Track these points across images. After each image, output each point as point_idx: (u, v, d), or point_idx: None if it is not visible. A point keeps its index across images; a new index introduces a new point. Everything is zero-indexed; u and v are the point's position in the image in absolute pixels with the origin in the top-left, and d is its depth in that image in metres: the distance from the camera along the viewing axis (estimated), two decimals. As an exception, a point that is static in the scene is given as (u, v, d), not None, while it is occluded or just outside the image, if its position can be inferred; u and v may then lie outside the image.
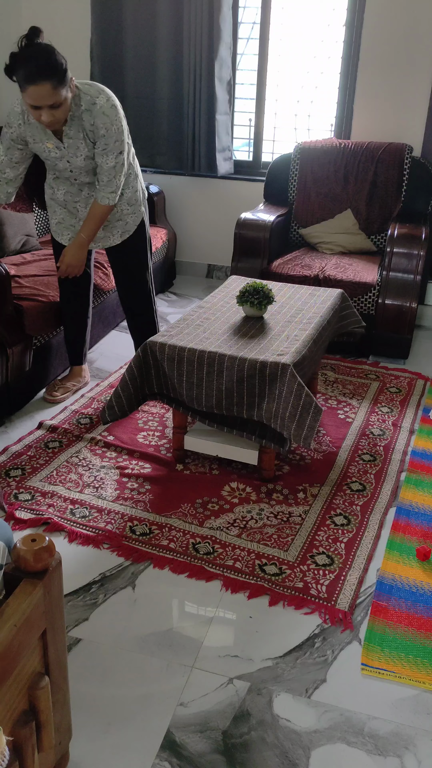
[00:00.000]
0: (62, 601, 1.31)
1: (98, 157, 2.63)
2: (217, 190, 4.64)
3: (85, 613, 1.95)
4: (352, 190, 4.00)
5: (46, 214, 4.15)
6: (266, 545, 2.22)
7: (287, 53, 4.36)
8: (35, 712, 1.22)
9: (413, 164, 3.93)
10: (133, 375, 2.46)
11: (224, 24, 4.11)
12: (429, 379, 3.43)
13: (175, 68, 4.29)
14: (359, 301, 3.55)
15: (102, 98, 2.57)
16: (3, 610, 1.15)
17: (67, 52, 4.50)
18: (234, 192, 4.58)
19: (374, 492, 2.52)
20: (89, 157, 2.65)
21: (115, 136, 2.59)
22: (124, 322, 4.02)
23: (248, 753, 1.58)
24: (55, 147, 2.63)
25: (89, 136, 2.59)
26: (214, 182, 4.61)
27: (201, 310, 2.78)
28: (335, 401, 3.17)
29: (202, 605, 2.00)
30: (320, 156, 4.05)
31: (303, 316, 2.73)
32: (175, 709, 1.68)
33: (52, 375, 3.24)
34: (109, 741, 1.59)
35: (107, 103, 2.57)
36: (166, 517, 2.34)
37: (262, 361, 2.31)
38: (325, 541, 2.26)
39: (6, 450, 2.68)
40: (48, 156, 2.69)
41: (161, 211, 4.53)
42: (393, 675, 1.78)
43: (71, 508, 2.37)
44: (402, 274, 3.49)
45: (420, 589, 2.06)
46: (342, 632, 1.91)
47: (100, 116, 2.55)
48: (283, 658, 1.83)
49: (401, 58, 3.96)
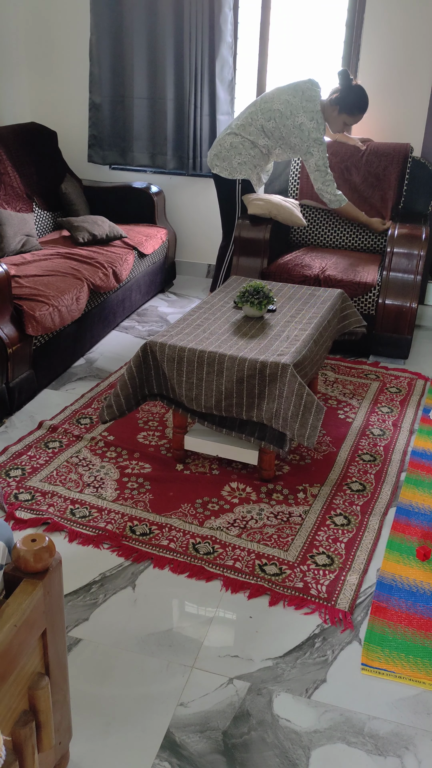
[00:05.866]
0: (62, 601, 1.31)
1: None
2: (217, 190, 4.63)
3: (85, 613, 1.95)
4: (352, 190, 4.00)
5: (46, 214, 4.15)
6: (266, 545, 2.22)
7: (287, 53, 4.36)
8: (35, 712, 1.22)
9: (413, 164, 3.93)
10: (132, 375, 2.46)
11: (225, 24, 4.11)
12: (429, 379, 3.43)
13: (175, 68, 4.29)
14: (359, 301, 3.55)
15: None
16: (3, 610, 1.15)
17: (67, 52, 4.55)
18: (234, 192, 4.57)
19: (374, 492, 2.52)
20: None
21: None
22: (124, 322, 4.02)
23: (248, 753, 1.58)
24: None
25: None
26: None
27: (201, 310, 2.78)
28: (335, 401, 3.17)
29: (202, 605, 2.00)
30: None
31: (303, 316, 2.73)
32: (175, 709, 1.68)
33: (52, 375, 3.25)
34: (109, 741, 1.60)
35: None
36: (166, 517, 2.34)
37: (262, 361, 2.32)
38: (325, 541, 2.26)
39: (6, 450, 2.68)
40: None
41: (161, 211, 4.53)
42: (393, 675, 1.78)
43: (71, 508, 2.37)
44: (402, 274, 3.49)
45: (420, 589, 2.06)
46: (342, 632, 1.91)
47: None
48: (283, 658, 1.83)
49: (401, 58, 3.96)
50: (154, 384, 2.50)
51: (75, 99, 4.65)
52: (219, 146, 3.78)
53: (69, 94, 4.65)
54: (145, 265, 4.15)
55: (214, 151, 3.80)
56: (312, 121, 3.53)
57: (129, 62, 4.35)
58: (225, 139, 3.76)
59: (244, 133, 3.70)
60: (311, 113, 3.53)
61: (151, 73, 4.35)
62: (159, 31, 4.22)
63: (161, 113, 4.41)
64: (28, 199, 3.98)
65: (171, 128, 4.42)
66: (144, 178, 4.72)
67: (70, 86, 4.63)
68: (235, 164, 3.73)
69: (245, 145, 3.71)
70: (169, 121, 4.40)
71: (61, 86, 4.65)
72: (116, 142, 4.58)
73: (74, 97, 4.65)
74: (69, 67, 4.59)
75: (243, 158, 3.72)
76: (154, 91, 4.38)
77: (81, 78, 4.57)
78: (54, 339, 3.18)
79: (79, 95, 4.62)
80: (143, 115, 4.45)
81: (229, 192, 3.84)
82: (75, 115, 4.68)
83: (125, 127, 4.52)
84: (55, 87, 4.67)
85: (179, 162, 4.51)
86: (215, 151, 3.79)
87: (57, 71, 4.62)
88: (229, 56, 4.25)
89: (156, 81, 4.35)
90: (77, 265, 3.49)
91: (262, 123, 3.65)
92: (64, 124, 4.68)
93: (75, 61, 4.56)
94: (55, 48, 4.56)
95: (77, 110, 4.66)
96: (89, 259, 3.58)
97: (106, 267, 3.57)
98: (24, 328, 2.90)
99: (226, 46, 4.18)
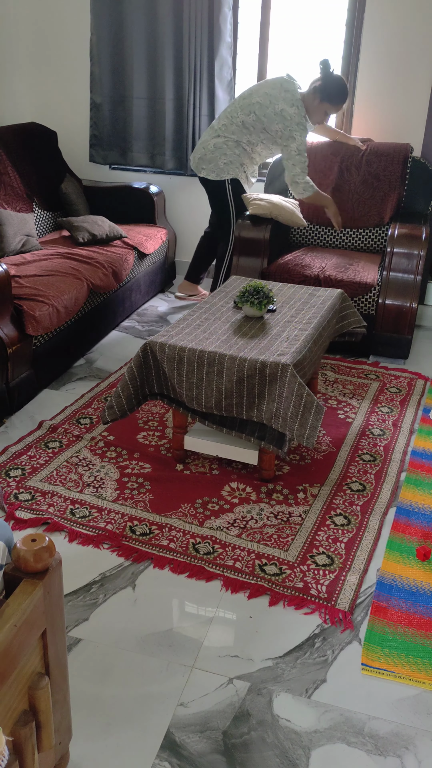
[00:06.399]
0: (62, 601, 1.31)
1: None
2: (217, 190, 4.63)
3: (85, 613, 1.95)
4: (352, 190, 4.00)
5: (46, 214, 4.15)
6: (266, 545, 2.22)
7: (287, 53, 4.36)
8: (35, 712, 1.22)
9: (413, 164, 3.93)
10: (133, 375, 2.46)
11: (224, 24, 4.11)
12: (429, 379, 3.43)
13: (175, 68, 4.29)
14: (359, 301, 3.55)
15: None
16: (3, 610, 1.15)
17: (67, 52, 4.54)
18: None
19: (374, 492, 2.52)
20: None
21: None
22: (124, 322, 4.02)
23: (248, 753, 1.58)
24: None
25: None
26: (214, 182, 4.61)
27: (201, 310, 2.78)
28: (335, 401, 3.17)
29: (202, 605, 2.00)
30: (320, 155, 4.05)
31: (303, 316, 2.73)
32: (175, 709, 1.68)
33: (52, 375, 3.24)
34: (109, 741, 1.60)
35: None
36: (166, 517, 2.34)
37: (262, 361, 2.32)
38: (325, 541, 2.26)
39: (6, 450, 2.68)
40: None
41: (161, 211, 4.53)
42: (393, 675, 1.78)
43: (71, 508, 2.37)
44: (402, 274, 3.49)
45: (420, 589, 2.06)
46: (342, 632, 1.91)
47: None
48: (283, 658, 1.83)
49: (401, 58, 3.96)
50: (154, 383, 2.50)
51: (75, 99, 4.65)
52: (203, 149, 3.77)
53: (69, 94, 4.65)
54: (145, 265, 4.15)
55: (198, 154, 3.80)
56: (293, 107, 3.55)
57: (129, 62, 4.34)
58: (208, 141, 3.75)
59: (227, 133, 3.71)
60: (291, 101, 3.55)
61: (151, 73, 4.35)
62: (158, 31, 4.22)
63: (160, 113, 4.41)
64: (28, 199, 3.98)
65: (170, 128, 4.42)
66: (144, 178, 4.72)
67: (71, 86, 4.63)
68: (222, 165, 3.73)
69: (229, 144, 3.71)
70: (168, 121, 4.40)
71: (62, 86, 4.65)
72: (116, 142, 4.57)
73: (74, 97, 4.65)
74: (69, 67, 4.59)
75: (228, 158, 3.72)
76: (153, 91, 4.38)
77: (81, 78, 4.57)
78: (54, 339, 3.18)
79: (79, 95, 4.62)
80: (143, 115, 4.45)
81: (220, 193, 3.83)
82: (75, 115, 4.68)
83: (125, 127, 4.52)
84: (55, 87, 4.67)
85: (178, 162, 4.51)
86: (199, 154, 3.79)
87: (57, 71, 4.62)
88: (228, 56, 4.25)
89: (155, 81, 4.35)
90: (77, 265, 3.49)
91: (242, 118, 3.65)
92: (64, 124, 4.68)
93: (75, 61, 4.56)
94: (56, 48, 4.56)
95: (77, 110, 4.66)
96: (89, 259, 3.58)
97: (106, 267, 3.57)
98: (24, 328, 2.90)
99: (226, 46, 4.18)
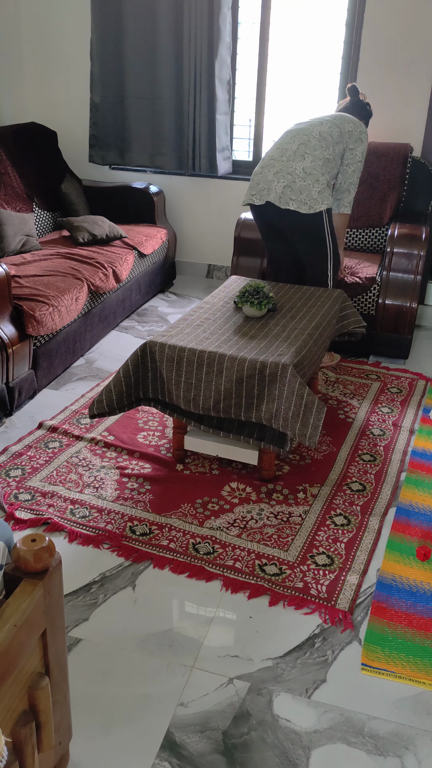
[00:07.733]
0: (62, 601, 1.31)
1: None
2: (217, 190, 4.64)
3: (85, 613, 1.95)
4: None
5: (46, 214, 4.15)
6: (266, 545, 2.22)
7: (287, 53, 4.36)
8: (35, 712, 1.22)
9: (413, 164, 3.93)
10: (128, 373, 2.45)
11: (224, 24, 4.11)
12: (429, 380, 3.43)
13: (175, 68, 4.29)
14: (359, 301, 3.55)
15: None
16: (3, 610, 1.15)
17: (67, 52, 4.55)
18: (234, 192, 4.58)
19: (374, 492, 2.52)
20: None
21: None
22: (124, 322, 4.02)
23: (248, 753, 1.58)
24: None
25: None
26: (214, 182, 4.62)
27: (201, 310, 2.78)
28: (336, 401, 3.17)
29: (202, 605, 2.00)
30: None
31: (303, 316, 2.73)
32: (175, 709, 1.68)
33: (52, 375, 3.24)
34: (109, 741, 1.59)
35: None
36: (166, 517, 2.34)
37: (262, 361, 2.31)
38: (325, 541, 2.26)
39: (6, 450, 2.68)
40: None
41: (161, 211, 4.53)
42: (393, 675, 1.78)
43: (71, 508, 2.37)
44: (402, 274, 3.49)
45: (420, 589, 2.06)
46: (342, 632, 1.91)
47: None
48: (283, 658, 1.83)
49: (401, 58, 3.96)
50: (149, 387, 2.49)
51: (75, 99, 4.65)
52: (289, 175, 3.06)
53: (69, 94, 4.65)
54: (145, 265, 4.15)
55: (283, 182, 3.07)
56: (363, 134, 3.24)
57: (129, 62, 4.35)
58: (294, 167, 3.07)
59: (310, 151, 3.09)
60: (360, 132, 3.24)
61: (151, 73, 4.35)
62: (158, 31, 4.22)
63: (160, 113, 4.41)
64: (28, 199, 3.98)
65: (170, 128, 4.42)
66: (144, 178, 4.73)
67: (70, 86, 4.63)
68: (315, 194, 3.04)
69: (316, 166, 3.07)
70: (168, 121, 4.41)
71: (61, 86, 4.65)
72: (116, 142, 4.57)
73: (74, 97, 4.65)
74: (69, 67, 4.60)
75: (321, 185, 3.05)
76: (153, 91, 4.38)
77: (81, 78, 4.57)
78: (54, 339, 3.18)
79: (79, 95, 4.62)
80: (142, 115, 4.45)
81: (314, 228, 3.14)
82: (75, 115, 4.68)
83: (125, 127, 4.52)
84: (55, 87, 4.67)
85: (178, 162, 4.51)
86: (285, 182, 3.07)
87: (57, 71, 4.62)
88: (228, 56, 4.26)
89: (155, 81, 4.35)
90: (77, 265, 3.49)
91: (320, 130, 3.14)
92: (64, 124, 4.69)
93: (75, 60, 4.56)
94: (56, 48, 4.57)
95: (77, 110, 4.66)
96: (89, 259, 3.58)
97: (106, 267, 3.57)
98: (24, 328, 2.90)
99: (225, 46, 4.19)
